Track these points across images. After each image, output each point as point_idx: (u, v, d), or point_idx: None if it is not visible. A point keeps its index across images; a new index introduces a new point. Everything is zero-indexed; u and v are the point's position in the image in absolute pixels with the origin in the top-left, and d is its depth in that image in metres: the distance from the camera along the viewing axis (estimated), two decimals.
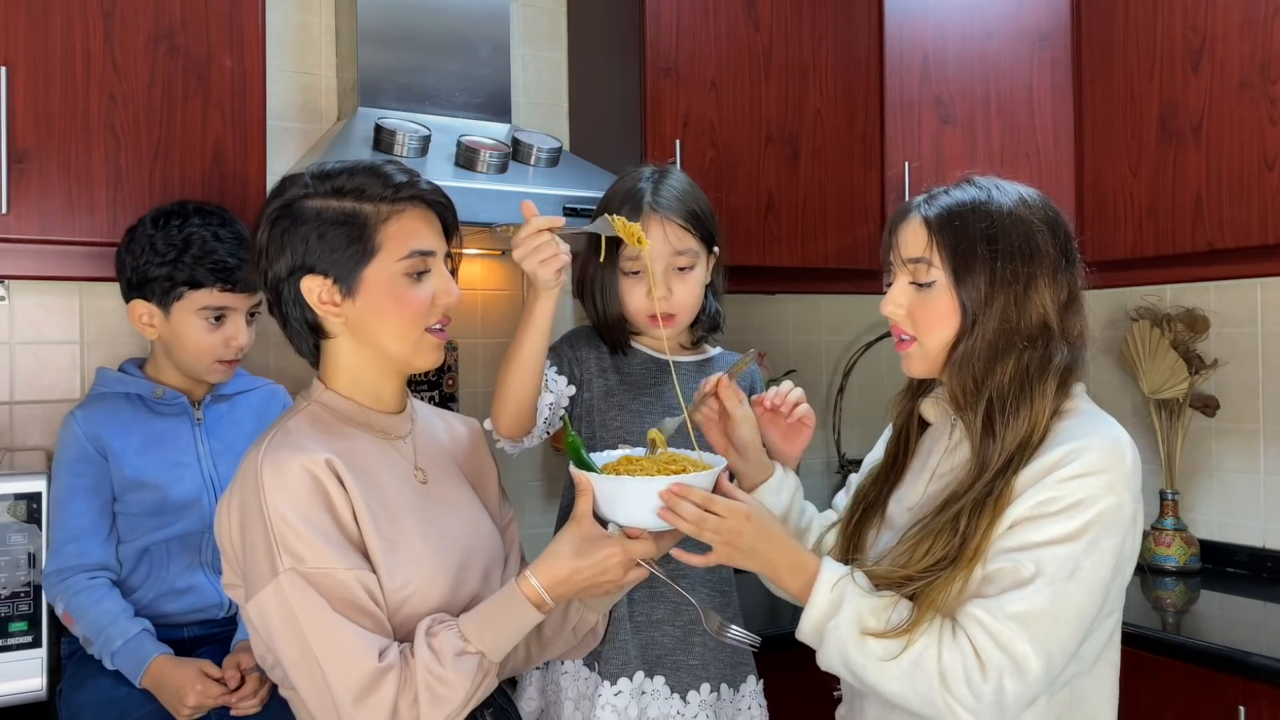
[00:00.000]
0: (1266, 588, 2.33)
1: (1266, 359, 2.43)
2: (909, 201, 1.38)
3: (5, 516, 1.67)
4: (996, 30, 2.53)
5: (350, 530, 1.24)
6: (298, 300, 1.29)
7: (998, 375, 1.28)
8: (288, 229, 1.28)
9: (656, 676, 1.60)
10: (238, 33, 1.90)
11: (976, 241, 1.29)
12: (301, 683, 1.21)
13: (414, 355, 1.33)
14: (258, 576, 1.21)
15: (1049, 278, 1.29)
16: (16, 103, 1.72)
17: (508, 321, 2.53)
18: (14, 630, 1.67)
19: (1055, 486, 1.22)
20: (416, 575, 1.27)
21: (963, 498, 1.26)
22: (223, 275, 1.69)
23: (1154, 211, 2.28)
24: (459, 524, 1.37)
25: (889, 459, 1.49)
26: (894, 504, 1.43)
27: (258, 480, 1.21)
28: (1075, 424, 1.28)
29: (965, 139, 2.55)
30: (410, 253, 1.29)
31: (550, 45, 2.63)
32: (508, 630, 1.25)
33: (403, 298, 1.29)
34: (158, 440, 1.75)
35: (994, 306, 1.28)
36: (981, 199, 1.31)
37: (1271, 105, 2.07)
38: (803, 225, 2.49)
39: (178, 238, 1.68)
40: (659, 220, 1.61)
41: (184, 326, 1.71)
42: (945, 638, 1.21)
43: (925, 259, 1.32)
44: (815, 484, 2.96)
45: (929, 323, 1.33)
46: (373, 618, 1.21)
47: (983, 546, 1.23)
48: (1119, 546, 1.22)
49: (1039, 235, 1.29)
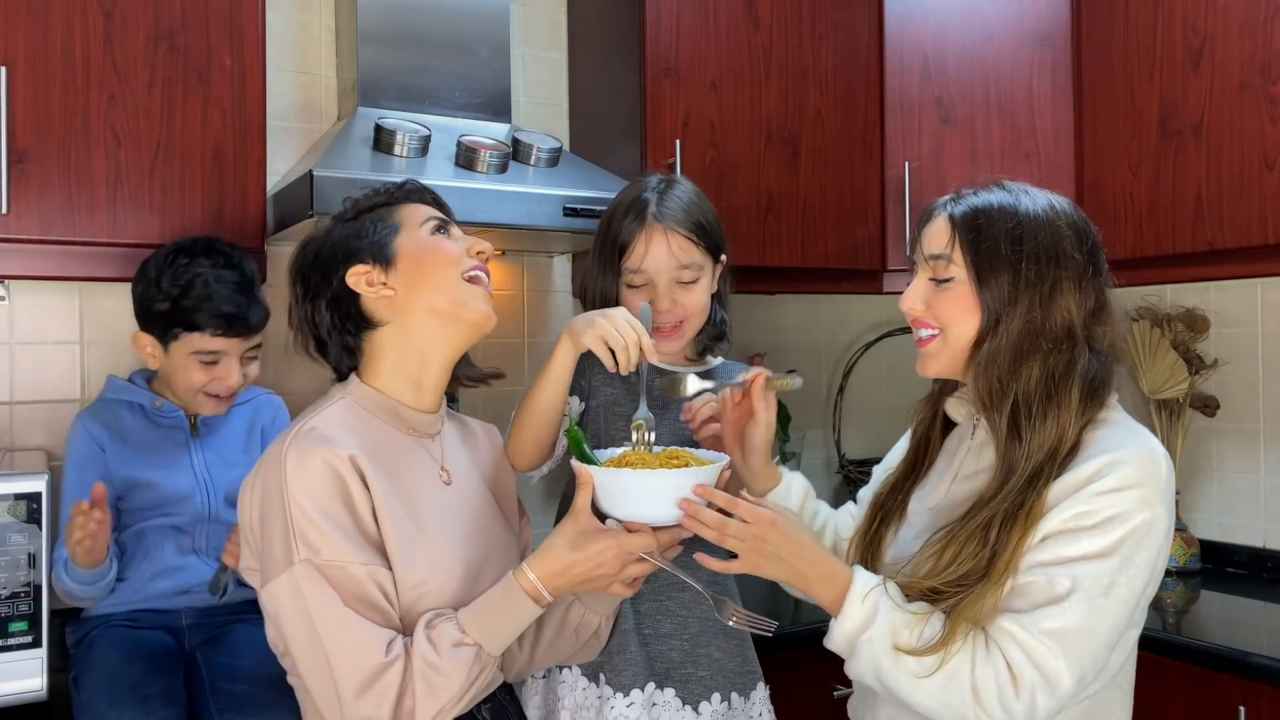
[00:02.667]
0: (1266, 588, 2.33)
1: (1266, 359, 2.43)
2: (938, 200, 1.38)
3: (5, 516, 1.67)
4: (997, 31, 2.53)
5: (368, 526, 1.25)
6: (341, 298, 1.35)
7: (1023, 377, 1.27)
8: (312, 265, 1.38)
9: (667, 689, 1.59)
10: (238, 33, 1.90)
11: (1001, 241, 1.28)
12: (308, 671, 1.22)
13: (459, 306, 1.36)
14: (273, 564, 1.23)
15: (1074, 283, 1.29)
16: (16, 103, 1.72)
17: (508, 321, 2.53)
18: (14, 630, 1.67)
19: (1091, 500, 1.21)
20: (433, 574, 1.28)
21: (990, 504, 1.25)
22: (219, 323, 1.72)
23: (1154, 211, 2.28)
24: (478, 527, 1.39)
25: (909, 462, 1.48)
26: (915, 503, 1.42)
27: (281, 468, 1.23)
28: (1109, 434, 1.27)
29: (965, 139, 2.55)
30: (428, 218, 1.39)
31: (550, 45, 2.63)
32: (505, 623, 1.26)
33: (434, 246, 1.38)
34: (154, 446, 1.80)
35: (1018, 307, 1.27)
36: (1009, 201, 1.31)
37: (1271, 105, 2.07)
38: (803, 225, 2.49)
39: (183, 278, 1.71)
40: (662, 232, 1.59)
41: (177, 365, 1.75)
42: (979, 652, 1.20)
43: (946, 255, 1.32)
44: (815, 484, 2.94)
45: (949, 316, 1.32)
46: (383, 613, 1.23)
47: (1014, 561, 1.22)
48: (1153, 561, 1.22)
49: (1065, 240, 1.29)
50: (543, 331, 2.57)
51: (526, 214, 2.03)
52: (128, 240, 1.81)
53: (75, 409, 2.06)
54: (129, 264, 1.79)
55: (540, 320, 2.56)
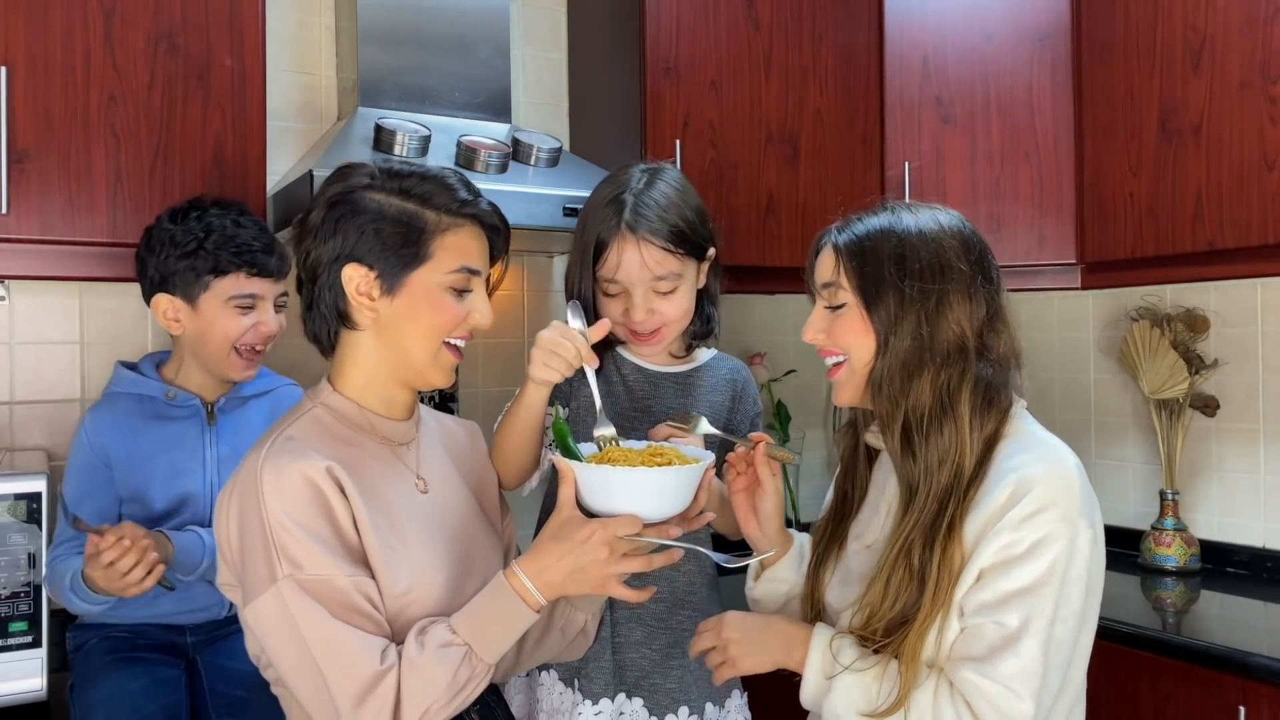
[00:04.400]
0: (1266, 588, 2.33)
1: (1266, 359, 2.43)
2: (825, 230, 1.40)
3: (5, 516, 1.67)
4: (996, 30, 2.53)
5: (349, 537, 1.24)
6: (334, 286, 1.29)
7: (914, 394, 1.28)
8: (344, 215, 1.29)
9: (635, 698, 1.58)
10: (238, 33, 1.90)
11: (884, 263, 1.30)
12: (301, 688, 1.20)
13: (430, 367, 1.33)
14: (256, 581, 1.20)
15: (962, 295, 1.29)
16: (16, 103, 1.72)
17: (508, 322, 2.53)
18: (14, 630, 1.67)
19: (1014, 530, 1.22)
20: (417, 583, 1.27)
21: (904, 527, 1.26)
22: (248, 260, 1.67)
23: (1154, 211, 2.28)
24: (459, 534, 1.37)
25: (839, 495, 1.49)
26: (852, 541, 1.43)
27: (258, 485, 1.21)
28: (1013, 450, 1.27)
29: (965, 139, 2.55)
30: (460, 268, 1.31)
31: (550, 45, 2.63)
32: (496, 623, 1.24)
33: (441, 306, 1.30)
34: (165, 446, 1.74)
35: (905, 325, 1.28)
36: (889, 223, 1.33)
37: (1271, 105, 2.07)
38: (803, 225, 2.49)
39: (198, 228, 1.67)
40: (635, 244, 1.54)
41: (213, 316, 1.68)
42: (943, 704, 1.22)
43: (834, 282, 1.34)
44: (815, 484, 2.96)
45: (847, 341, 1.34)
46: (373, 621, 1.21)
47: (946, 587, 1.23)
48: (1085, 575, 1.24)
49: (949, 253, 1.30)
50: None
51: (526, 214, 2.03)
52: (128, 240, 1.81)
53: (75, 409, 2.07)
54: (129, 264, 1.79)
55: (540, 320, 2.55)
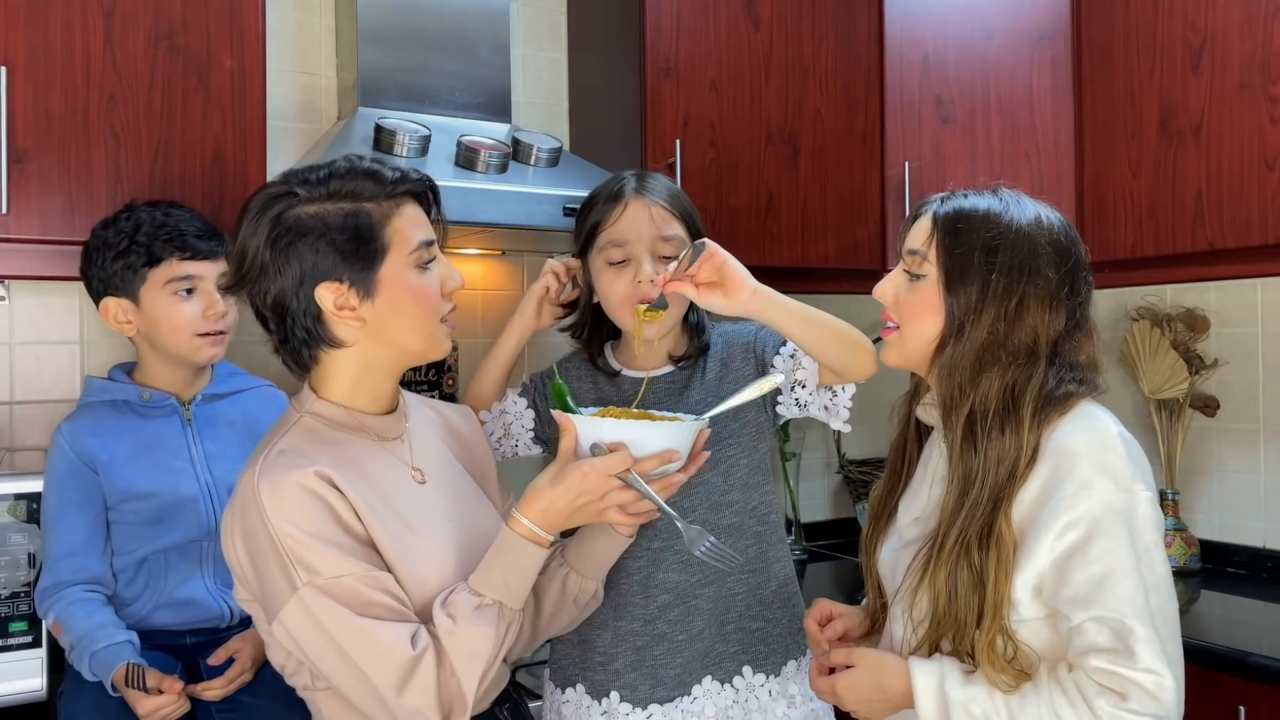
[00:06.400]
0: (1266, 588, 2.33)
1: (1266, 359, 2.43)
2: (931, 197, 1.39)
3: (5, 516, 1.67)
4: (996, 30, 2.53)
5: (358, 534, 1.25)
6: (308, 311, 1.27)
7: (983, 387, 1.27)
8: (291, 241, 1.26)
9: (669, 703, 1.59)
10: (238, 32, 1.90)
11: (976, 249, 1.29)
12: (347, 688, 1.22)
13: (431, 346, 1.35)
14: (277, 594, 1.21)
15: (1044, 302, 1.28)
16: (16, 103, 1.72)
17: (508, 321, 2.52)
18: (14, 630, 1.67)
19: (1069, 509, 1.20)
20: (429, 575, 1.28)
21: (958, 521, 1.25)
22: (179, 245, 1.67)
23: (1154, 211, 2.28)
24: (464, 521, 1.38)
25: (892, 468, 1.49)
26: (902, 513, 1.44)
27: (257, 502, 1.21)
28: (1059, 430, 1.26)
29: (965, 139, 2.55)
30: (418, 244, 1.31)
31: (550, 45, 2.63)
32: (514, 571, 1.26)
33: (419, 290, 1.31)
34: (148, 445, 1.72)
35: (984, 317, 1.27)
36: (995, 210, 1.31)
37: (1271, 105, 2.07)
38: (803, 225, 2.49)
39: (127, 226, 1.67)
40: (642, 203, 1.57)
41: (156, 307, 1.67)
42: (1079, 705, 1.20)
43: (922, 252, 1.33)
44: (815, 484, 2.96)
45: (912, 313, 1.34)
46: (397, 610, 1.23)
47: (1003, 579, 1.22)
48: (1159, 536, 1.23)
49: (1042, 258, 1.29)
50: (541, 330, 2.56)
51: (526, 214, 2.03)
52: None
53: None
54: None
55: None
